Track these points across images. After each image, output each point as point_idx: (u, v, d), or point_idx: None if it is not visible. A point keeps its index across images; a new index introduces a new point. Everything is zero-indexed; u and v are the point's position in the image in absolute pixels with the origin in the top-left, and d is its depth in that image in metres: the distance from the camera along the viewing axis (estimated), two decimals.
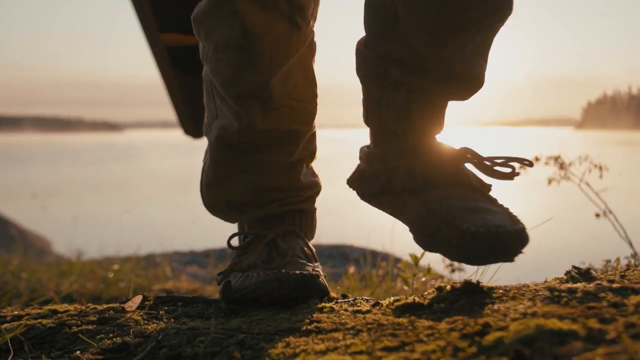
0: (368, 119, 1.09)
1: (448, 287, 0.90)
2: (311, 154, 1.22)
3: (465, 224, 0.88)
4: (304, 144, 1.17)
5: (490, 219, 0.90)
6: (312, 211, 1.24)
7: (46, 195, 11.04)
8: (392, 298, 0.93)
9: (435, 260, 1.89)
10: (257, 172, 1.14)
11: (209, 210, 1.21)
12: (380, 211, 1.09)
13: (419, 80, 1.01)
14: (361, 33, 1.10)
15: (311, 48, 1.13)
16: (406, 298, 0.90)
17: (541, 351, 0.60)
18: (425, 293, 0.93)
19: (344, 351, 0.69)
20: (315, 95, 1.17)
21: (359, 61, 1.09)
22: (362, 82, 1.09)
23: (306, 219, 1.21)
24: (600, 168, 2.67)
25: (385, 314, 0.85)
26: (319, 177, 1.26)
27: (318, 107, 1.19)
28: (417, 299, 0.88)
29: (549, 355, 0.59)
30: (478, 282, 0.89)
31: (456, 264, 2.29)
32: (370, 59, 1.05)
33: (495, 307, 0.80)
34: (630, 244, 2.59)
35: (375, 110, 1.07)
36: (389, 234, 2.67)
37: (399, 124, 1.04)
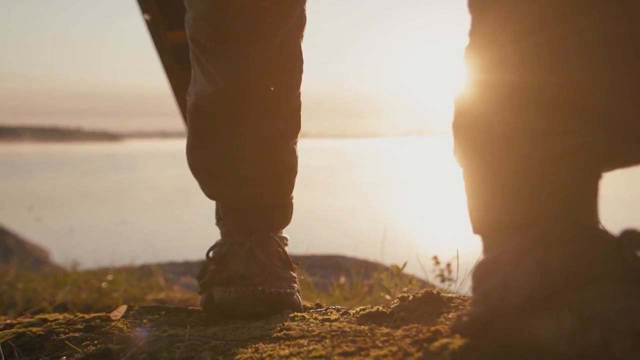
0: (472, 215, 0.75)
1: (410, 297, 0.97)
2: (294, 129, 1.17)
3: None
4: (283, 118, 1.14)
5: None
6: (288, 204, 1.24)
7: (44, 205, 11.11)
8: (359, 307, 1.00)
9: (419, 269, 1.96)
10: (231, 142, 1.13)
11: (193, 174, 1.21)
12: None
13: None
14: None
15: (300, 22, 1.09)
16: (371, 307, 0.97)
17: None
18: (391, 303, 0.99)
19: (305, 355, 0.76)
20: (301, 71, 1.12)
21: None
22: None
23: (282, 213, 1.23)
24: None
25: (350, 322, 0.92)
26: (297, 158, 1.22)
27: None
28: (380, 308, 0.95)
29: None
30: (438, 292, 0.96)
31: (446, 273, 2.35)
32: None
33: (450, 315, 0.88)
34: None
35: (479, 197, 0.73)
36: (379, 244, 2.74)
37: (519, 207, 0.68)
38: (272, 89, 1.08)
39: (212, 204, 1.33)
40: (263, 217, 1.19)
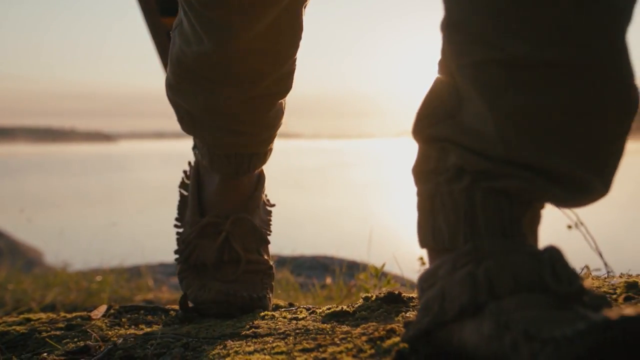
0: (420, 231, 0.79)
1: (373, 296, 1.03)
2: (284, 90, 1.12)
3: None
4: (273, 82, 1.08)
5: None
6: (267, 151, 1.21)
7: (37, 206, 11.14)
8: (325, 307, 1.05)
9: (406, 269, 2.02)
10: (214, 98, 1.09)
11: (172, 106, 1.18)
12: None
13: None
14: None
15: None
16: (337, 306, 1.02)
17: None
18: (355, 302, 1.05)
19: (268, 352, 0.82)
20: (299, 39, 1.06)
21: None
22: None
23: (259, 159, 1.19)
24: None
25: (315, 321, 0.97)
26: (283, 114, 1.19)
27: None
28: (345, 308, 1.00)
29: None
30: (399, 293, 1.02)
31: None
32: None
33: (408, 314, 0.93)
34: (600, 255, 2.73)
35: (428, 217, 0.78)
36: (365, 245, 2.80)
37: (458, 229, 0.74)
38: (264, 59, 1.04)
39: None
40: (240, 162, 1.17)
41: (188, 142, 1.36)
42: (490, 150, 0.71)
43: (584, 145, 0.69)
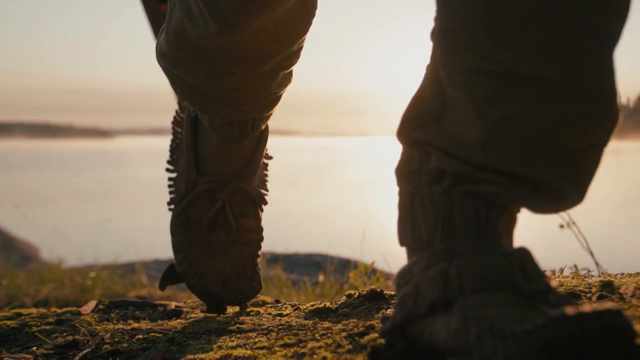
0: (400, 229, 0.83)
1: (356, 294, 1.05)
2: (289, 64, 1.05)
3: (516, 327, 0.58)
4: (279, 60, 1.00)
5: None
6: (271, 115, 1.13)
7: (34, 202, 11.14)
8: (309, 303, 1.08)
9: (396, 266, 2.04)
10: (215, 75, 1.01)
11: (162, 69, 1.08)
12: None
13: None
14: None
15: None
16: (320, 303, 1.05)
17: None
18: (339, 299, 1.07)
19: (250, 347, 0.84)
20: (312, 19, 1.00)
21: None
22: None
23: (262, 121, 1.12)
24: None
25: (299, 317, 1.00)
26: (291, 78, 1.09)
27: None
28: (328, 304, 1.03)
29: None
30: (382, 290, 1.04)
31: None
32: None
33: (389, 312, 0.96)
34: (592, 254, 2.76)
35: (408, 216, 0.81)
36: (359, 242, 2.82)
37: (436, 229, 0.77)
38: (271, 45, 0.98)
39: None
40: (243, 127, 1.09)
41: None
42: (471, 155, 0.74)
43: (563, 156, 0.72)
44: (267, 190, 1.17)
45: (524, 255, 0.71)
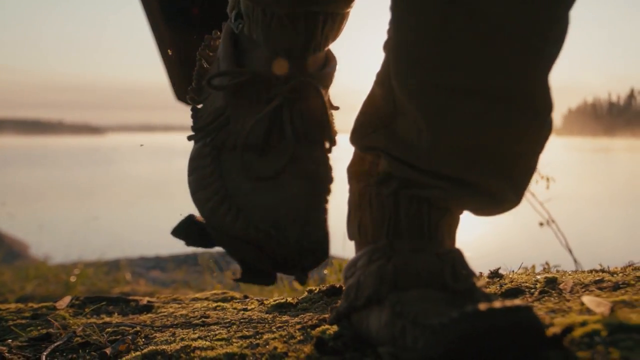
0: (349, 225, 0.88)
1: (317, 289, 1.11)
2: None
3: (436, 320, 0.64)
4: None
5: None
6: (344, 16, 0.88)
7: (22, 199, 11.15)
8: (272, 298, 1.14)
9: None
10: None
11: None
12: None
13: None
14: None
15: None
16: (282, 298, 1.11)
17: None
18: (300, 295, 1.13)
19: (210, 339, 0.90)
20: None
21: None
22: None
23: (333, 30, 0.87)
24: (547, 179, 2.92)
25: (261, 311, 1.06)
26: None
27: None
28: (289, 299, 1.09)
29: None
30: (340, 286, 1.10)
31: None
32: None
33: (338, 303, 1.02)
34: (570, 251, 2.84)
35: (356, 213, 0.86)
36: (341, 240, 2.88)
37: (382, 227, 0.82)
38: None
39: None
40: (311, 28, 0.84)
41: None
42: (418, 161, 0.79)
43: (503, 162, 0.79)
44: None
45: (457, 255, 0.78)
